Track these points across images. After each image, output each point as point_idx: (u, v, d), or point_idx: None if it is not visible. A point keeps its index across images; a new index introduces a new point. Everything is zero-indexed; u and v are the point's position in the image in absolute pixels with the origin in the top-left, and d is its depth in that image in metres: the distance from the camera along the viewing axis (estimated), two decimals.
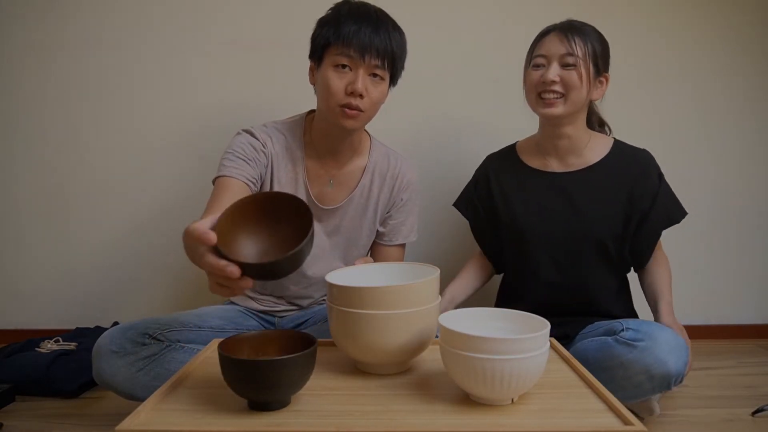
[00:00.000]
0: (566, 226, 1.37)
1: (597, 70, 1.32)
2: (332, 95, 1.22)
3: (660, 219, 1.37)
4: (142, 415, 0.78)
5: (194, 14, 1.85)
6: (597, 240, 1.35)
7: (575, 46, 1.29)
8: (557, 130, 1.37)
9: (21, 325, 1.93)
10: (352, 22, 1.20)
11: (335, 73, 1.22)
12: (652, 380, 1.14)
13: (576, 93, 1.30)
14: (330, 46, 1.22)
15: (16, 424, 1.34)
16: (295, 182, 1.34)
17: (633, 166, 1.37)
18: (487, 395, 0.81)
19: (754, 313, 1.95)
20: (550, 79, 1.29)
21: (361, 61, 1.20)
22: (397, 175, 1.42)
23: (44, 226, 1.92)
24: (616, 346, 1.16)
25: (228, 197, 1.14)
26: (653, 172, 1.37)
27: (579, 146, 1.39)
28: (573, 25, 1.33)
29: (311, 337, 0.86)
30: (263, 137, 1.31)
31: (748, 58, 1.88)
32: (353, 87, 1.21)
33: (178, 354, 1.21)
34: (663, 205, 1.37)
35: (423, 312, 0.91)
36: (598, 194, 1.36)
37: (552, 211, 1.38)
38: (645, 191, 1.36)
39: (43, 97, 1.88)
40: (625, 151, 1.39)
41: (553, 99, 1.31)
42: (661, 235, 1.40)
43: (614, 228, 1.36)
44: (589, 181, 1.37)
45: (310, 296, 1.43)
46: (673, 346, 1.13)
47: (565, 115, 1.32)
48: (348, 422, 0.77)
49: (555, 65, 1.30)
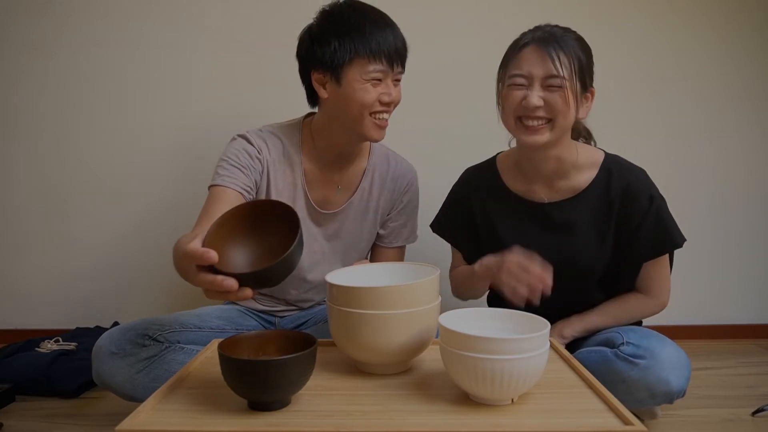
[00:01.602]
0: (555, 258, 1.14)
1: (584, 87, 1.17)
2: (367, 107, 1.20)
3: (644, 246, 1.22)
4: (141, 415, 0.78)
5: (194, 14, 1.85)
6: (587, 272, 1.26)
7: (560, 66, 1.12)
8: (542, 154, 1.22)
9: (21, 325, 1.93)
10: (377, 32, 1.18)
11: (369, 85, 1.19)
12: (654, 398, 1.13)
13: (562, 118, 1.15)
14: (355, 60, 1.18)
15: (16, 424, 1.34)
16: (293, 187, 1.33)
17: (623, 193, 1.22)
18: (487, 395, 0.81)
19: (754, 313, 1.95)
20: (533, 105, 1.13)
21: (391, 72, 1.21)
22: (397, 177, 1.41)
23: (44, 227, 1.92)
24: (616, 361, 1.13)
25: (220, 207, 1.11)
26: (643, 194, 1.22)
27: (566, 168, 1.24)
28: (554, 36, 1.16)
29: (311, 337, 0.86)
30: (258, 143, 1.28)
31: (749, 57, 1.88)
32: (390, 98, 1.21)
33: (178, 355, 1.21)
34: (650, 230, 1.21)
35: (423, 312, 0.91)
36: (585, 225, 1.25)
37: (539, 243, 1.19)
38: (632, 214, 1.22)
39: (42, 97, 1.88)
40: (615, 171, 1.24)
41: (538, 126, 1.15)
42: (641, 265, 1.25)
43: (600, 257, 1.25)
44: (578, 210, 1.25)
45: (311, 299, 1.43)
46: (674, 363, 1.11)
47: (551, 143, 1.18)
48: (348, 422, 0.77)
49: (537, 87, 1.14)
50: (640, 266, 1.26)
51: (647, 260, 1.25)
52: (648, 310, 1.30)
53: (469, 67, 1.84)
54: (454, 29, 1.85)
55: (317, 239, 1.36)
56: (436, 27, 1.85)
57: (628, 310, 1.29)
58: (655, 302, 1.29)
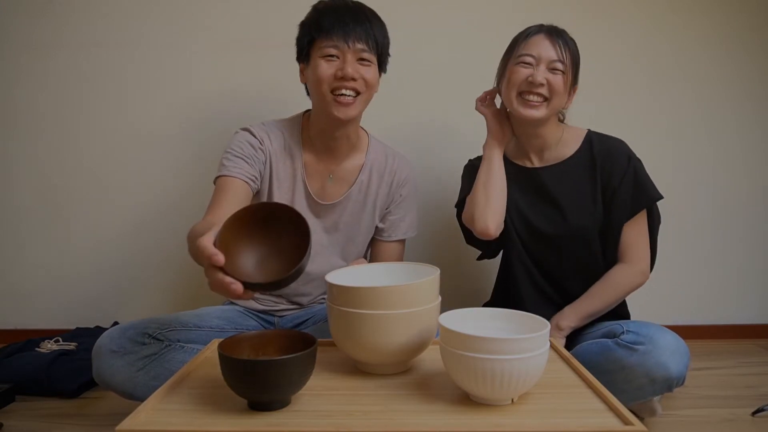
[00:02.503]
0: (545, 221, 1.36)
1: (574, 79, 1.33)
2: (322, 83, 1.24)
3: (623, 203, 1.32)
4: (142, 415, 0.78)
5: (193, 13, 1.85)
6: (576, 233, 1.34)
7: (564, 52, 1.29)
8: (532, 130, 1.36)
9: (21, 325, 1.93)
10: (332, 14, 1.24)
11: (324, 61, 1.24)
12: (654, 383, 1.14)
13: (558, 98, 1.30)
14: (314, 42, 1.25)
15: (16, 424, 1.34)
16: (293, 178, 1.35)
17: (603, 155, 1.35)
18: (487, 395, 0.81)
19: (754, 313, 1.95)
20: (538, 81, 1.28)
21: (347, 47, 1.23)
22: (394, 171, 1.43)
23: (44, 227, 1.92)
24: (616, 349, 1.16)
25: (229, 197, 1.21)
26: (623, 156, 1.34)
27: (551, 143, 1.38)
28: (558, 30, 1.32)
29: (311, 337, 0.86)
30: (261, 134, 1.33)
31: (749, 57, 1.88)
32: (343, 72, 1.23)
33: (178, 354, 1.21)
34: (628, 188, 1.32)
35: (423, 312, 0.91)
36: (574, 186, 1.35)
37: (529, 207, 1.38)
38: (613, 174, 1.32)
39: (41, 97, 1.88)
40: (596, 141, 1.37)
41: (537, 102, 1.29)
42: (623, 225, 1.32)
43: (593, 218, 1.33)
44: (564, 173, 1.36)
45: (309, 293, 1.43)
46: (673, 349, 1.13)
47: (545, 118, 1.32)
48: (348, 422, 0.77)
49: (543, 68, 1.29)
50: (623, 225, 1.32)
51: (628, 218, 1.32)
52: (630, 279, 1.34)
53: (463, 65, 1.84)
54: (447, 28, 1.86)
55: (316, 231, 1.37)
56: (429, 25, 1.85)
57: (611, 284, 1.33)
58: (635, 269, 1.33)
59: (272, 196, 1.34)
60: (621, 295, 1.35)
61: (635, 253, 1.34)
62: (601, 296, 1.33)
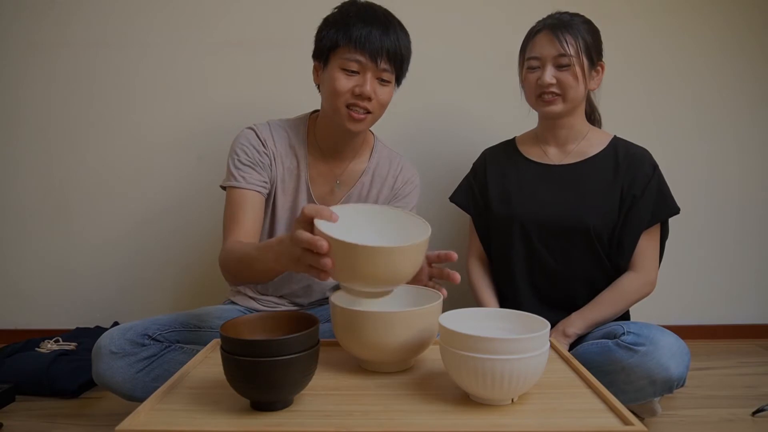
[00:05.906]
0: (558, 214, 1.35)
1: (591, 62, 1.33)
2: (338, 96, 1.22)
3: (645, 211, 1.32)
4: (142, 415, 0.78)
5: (197, 14, 1.85)
6: (587, 231, 1.32)
7: (567, 45, 1.30)
8: (557, 121, 1.39)
9: (21, 325, 1.93)
10: (361, 24, 1.19)
11: (343, 74, 1.21)
12: (654, 385, 1.14)
13: (573, 91, 1.32)
14: (338, 48, 1.21)
15: (16, 424, 1.34)
16: (297, 179, 1.35)
17: (629, 160, 1.36)
18: (487, 395, 0.81)
19: (754, 313, 1.95)
20: (546, 83, 1.31)
21: (371, 65, 1.20)
22: (397, 174, 1.42)
23: (45, 226, 1.92)
24: (617, 350, 1.16)
25: (248, 211, 1.24)
26: (648, 165, 1.35)
27: (577, 136, 1.40)
28: (562, 21, 1.32)
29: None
30: (264, 136, 1.32)
31: (746, 58, 1.88)
32: (361, 90, 1.21)
33: (178, 355, 1.21)
34: (652, 196, 1.33)
35: (424, 311, 0.92)
36: (593, 186, 1.35)
37: (545, 199, 1.37)
38: (636, 181, 1.33)
39: (45, 96, 1.88)
40: (623, 146, 1.39)
41: (552, 98, 1.33)
42: (641, 234, 1.32)
43: (606, 220, 1.32)
44: (585, 173, 1.37)
45: (310, 294, 1.43)
46: (674, 350, 1.13)
47: (565, 111, 1.35)
48: (348, 422, 0.77)
49: (549, 67, 1.31)
50: (640, 233, 1.33)
51: (646, 227, 1.33)
52: (638, 289, 1.34)
53: (467, 61, 1.84)
54: (452, 24, 1.86)
55: None
56: (434, 22, 1.85)
57: (620, 292, 1.33)
58: (644, 280, 1.34)
59: (275, 196, 1.34)
60: (628, 304, 1.35)
61: (647, 263, 1.34)
62: (609, 304, 1.33)
